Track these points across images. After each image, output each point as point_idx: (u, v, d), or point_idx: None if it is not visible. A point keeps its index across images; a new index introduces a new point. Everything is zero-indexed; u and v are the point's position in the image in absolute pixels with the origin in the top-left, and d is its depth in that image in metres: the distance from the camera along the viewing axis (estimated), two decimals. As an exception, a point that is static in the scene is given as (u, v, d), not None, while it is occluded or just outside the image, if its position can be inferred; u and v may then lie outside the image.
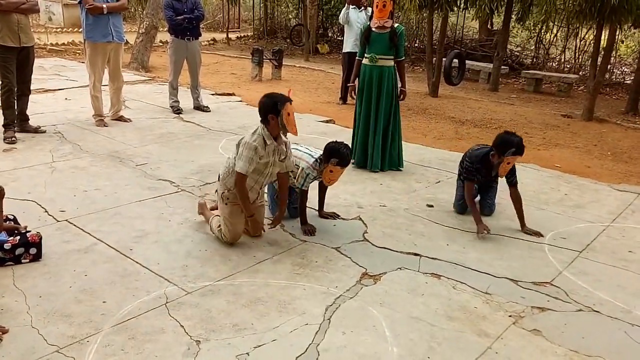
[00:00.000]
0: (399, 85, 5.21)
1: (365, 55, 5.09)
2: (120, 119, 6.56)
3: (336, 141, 3.75)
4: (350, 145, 4.29)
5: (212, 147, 5.70)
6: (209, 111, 7.36)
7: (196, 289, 2.97)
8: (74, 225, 3.66)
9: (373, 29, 4.99)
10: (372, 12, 5.08)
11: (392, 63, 5.08)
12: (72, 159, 5.06)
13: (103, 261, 3.22)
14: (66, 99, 7.63)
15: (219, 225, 3.51)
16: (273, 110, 3.30)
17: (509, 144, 3.76)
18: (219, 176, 3.58)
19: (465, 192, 3.99)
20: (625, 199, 4.69)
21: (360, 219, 4.02)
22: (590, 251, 3.65)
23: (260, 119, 3.39)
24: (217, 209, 3.68)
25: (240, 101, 8.33)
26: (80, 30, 6.42)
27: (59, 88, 8.33)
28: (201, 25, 7.71)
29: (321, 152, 3.76)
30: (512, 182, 3.95)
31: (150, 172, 4.82)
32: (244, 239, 3.59)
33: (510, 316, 2.85)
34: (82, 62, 8.76)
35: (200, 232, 3.67)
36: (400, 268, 3.31)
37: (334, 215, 4.02)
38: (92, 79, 6.23)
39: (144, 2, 13.49)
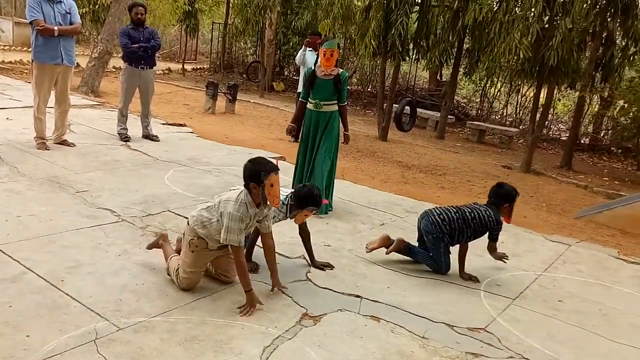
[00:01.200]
0: (341, 129, 5.26)
1: (310, 100, 5.16)
2: (64, 143, 6.36)
3: (305, 186, 3.68)
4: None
5: (158, 177, 5.59)
6: (158, 141, 7.26)
7: (129, 324, 2.85)
8: (2, 252, 3.47)
9: (318, 76, 5.06)
10: (318, 57, 5.18)
11: (336, 107, 5.16)
12: (8, 181, 4.83)
13: (31, 292, 3.05)
14: (7, 118, 7.34)
15: (176, 270, 3.30)
16: (256, 179, 3.14)
17: (512, 192, 4.07)
18: (188, 221, 3.33)
19: (464, 251, 4.05)
20: (558, 250, 4.92)
21: (304, 258, 4.02)
22: (522, 299, 3.79)
23: (244, 183, 3.23)
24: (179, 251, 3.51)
25: (191, 132, 8.27)
26: (30, 49, 6.25)
27: (1, 107, 8.01)
28: (157, 55, 7.68)
29: (288, 193, 3.66)
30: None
31: (91, 199, 4.66)
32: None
33: (445, 361, 2.89)
34: (29, 82, 8.50)
35: (138, 265, 3.55)
36: (340, 309, 3.32)
37: (329, 266, 3.90)
38: (36, 100, 6.04)
39: (99, 27, 13.33)
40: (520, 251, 4.77)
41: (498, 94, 14.65)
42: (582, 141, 12.49)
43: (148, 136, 7.31)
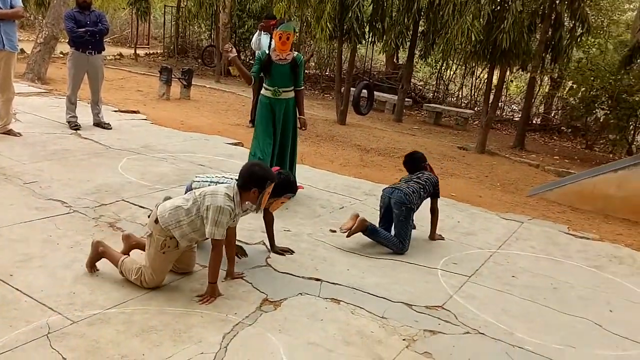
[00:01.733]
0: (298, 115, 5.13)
1: (267, 87, 4.97)
2: (9, 132, 6.07)
3: (281, 173, 3.58)
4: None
5: (111, 166, 5.43)
6: (110, 128, 7.03)
7: (83, 317, 2.77)
8: (-56, 248, 3.31)
9: (274, 60, 4.88)
10: (271, 41, 4.98)
11: (293, 94, 5.05)
12: (-52, 174, 4.59)
13: (-24, 288, 2.92)
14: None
15: (138, 272, 3.12)
16: (259, 184, 3.09)
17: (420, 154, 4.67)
18: (155, 219, 3.11)
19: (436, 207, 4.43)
20: (511, 227, 5.07)
21: (264, 243, 3.99)
22: (478, 276, 3.89)
23: (240, 182, 3.13)
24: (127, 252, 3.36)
25: (145, 119, 8.05)
26: (-34, 35, 5.90)
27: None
28: (107, 40, 7.41)
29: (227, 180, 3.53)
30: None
31: (40, 191, 4.48)
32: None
33: (404, 340, 2.94)
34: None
35: (92, 257, 3.45)
36: (301, 293, 3.32)
37: (288, 251, 3.88)
38: (-23, 88, 5.74)
39: (44, 11, 12.74)
40: (475, 230, 4.89)
41: (453, 76, 14.89)
42: (533, 121, 12.86)
43: (99, 124, 7.07)
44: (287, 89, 4.99)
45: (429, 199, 4.39)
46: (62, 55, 13.36)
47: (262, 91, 5.04)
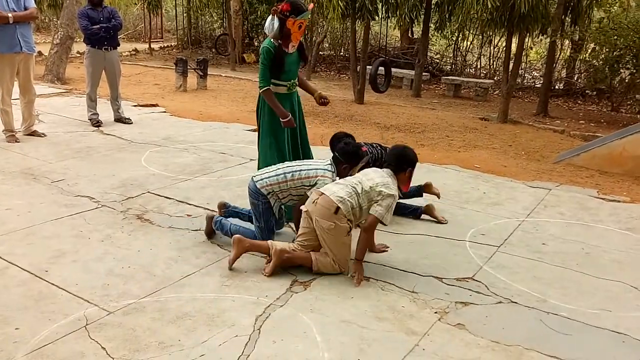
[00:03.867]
0: (314, 95, 4.33)
1: (282, 83, 4.07)
2: (34, 134, 6.20)
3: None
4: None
5: (134, 160, 5.50)
6: (131, 123, 7.11)
7: (119, 308, 2.84)
8: (-18, 248, 3.41)
9: (289, 52, 4.05)
10: (284, 33, 4.00)
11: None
12: (-21, 178, 4.71)
13: (15, 285, 3.01)
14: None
15: (335, 263, 3.28)
16: (412, 164, 3.42)
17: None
18: (337, 209, 3.18)
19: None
20: (538, 195, 4.99)
21: (290, 226, 4.01)
22: (507, 245, 3.85)
23: (393, 165, 3.39)
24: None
25: (164, 112, 8.11)
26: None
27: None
28: (120, 35, 7.46)
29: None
30: None
31: (68, 188, 4.57)
32: (172, 252, 3.48)
33: (435, 313, 2.94)
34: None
35: (122, 249, 3.52)
36: (329, 273, 3.33)
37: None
38: (0, 92, 5.85)
39: (58, 12, 12.87)
40: (502, 200, 4.83)
41: (471, 47, 14.58)
42: (556, 87, 12.54)
43: (120, 119, 7.15)
44: (296, 79, 4.23)
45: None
46: (79, 55, 13.50)
47: (273, 90, 4.04)
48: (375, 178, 3.32)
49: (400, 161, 3.41)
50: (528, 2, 7.64)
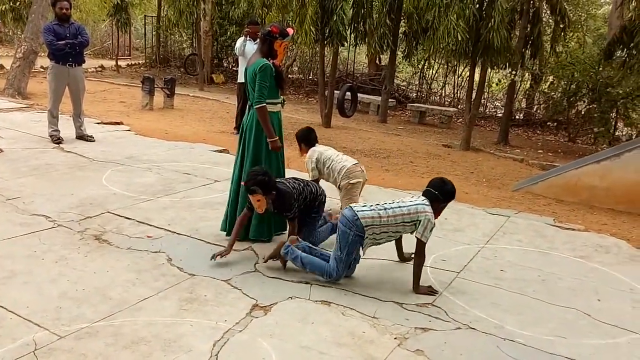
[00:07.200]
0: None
1: (275, 101, 4.14)
2: (-10, 149, 6.01)
3: (442, 179, 3.70)
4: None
5: (95, 178, 5.38)
6: (93, 141, 6.97)
7: (70, 332, 2.74)
8: None
9: (279, 71, 4.15)
10: (271, 52, 4.08)
11: None
12: None
13: (-40, 308, 2.88)
14: None
15: None
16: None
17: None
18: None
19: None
20: (498, 222, 5.11)
21: (252, 249, 3.98)
22: (467, 271, 3.91)
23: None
24: None
25: (129, 130, 7.99)
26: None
27: None
28: (87, 52, 7.36)
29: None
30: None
31: (23, 206, 4.43)
32: (129, 275, 3.39)
33: (395, 338, 2.95)
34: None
35: (78, 271, 3.41)
36: (291, 297, 3.31)
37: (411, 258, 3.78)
38: (-45, 105, 5.67)
39: (22, 25, 12.62)
40: (463, 226, 4.92)
41: (436, 75, 14.98)
42: (516, 117, 12.98)
43: (82, 137, 7.00)
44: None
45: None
46: (42, 70, 13.23)
47: (269, 109, 4.06)
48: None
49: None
50: (500, 36, 7.90)
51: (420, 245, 3.49)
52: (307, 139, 4.80)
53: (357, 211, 3.49)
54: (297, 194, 3.85)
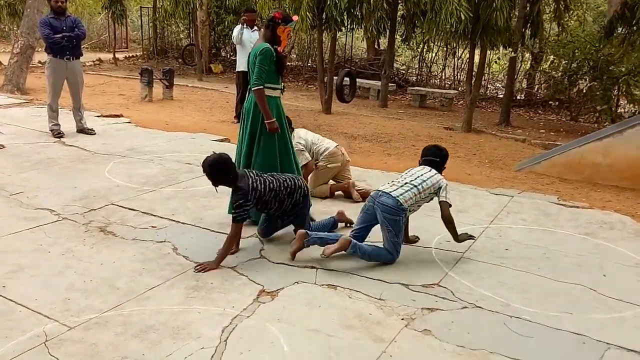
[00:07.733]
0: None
1: (275, 86, 4.16)
2: (-9, 145, 6.01)
3: (436, 147, 4.04)
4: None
5: (97, 171, 5.38)
6: (94, 134, 6.97)
7: (80, 323, 2.76)
8: None
9: (281, 56, 4.17)
10: (274, 38, 4.07)
11: None
12: None
13: (-31, 302, 2.90)
14: None
15: None
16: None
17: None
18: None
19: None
20: (501, 202, 5.10)
21: (257, 236, 3.99)
22: (472, 252, 3.92)
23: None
24: None
25: (129, 122, 7.98)
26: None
27: None
28: (85, 45, 7.33)
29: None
30: None
31: (27, 201, 4.44)
32: (136, 265, 3.41)
33: (402, 319, 2.96)
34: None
35: (84, 262, 3.43)
36: (297, 282, 3.33)
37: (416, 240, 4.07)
38: (-45, 102, 5.66)
39: (18, 20, 12.56)
40: (466, 207, 4.91)
41: (436, 58, 14.87)
42: (517, 97, 12.90)
43: (83, 130, 7.00)
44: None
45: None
46: (40, 65, 13.18)
47: (268, 94, 4.08)
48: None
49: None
50: (503, 15, 7.81)
51: (447, 207, 3.69)
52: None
53: (397, 197, 3.61)
54: (258, 194, 3.59)
